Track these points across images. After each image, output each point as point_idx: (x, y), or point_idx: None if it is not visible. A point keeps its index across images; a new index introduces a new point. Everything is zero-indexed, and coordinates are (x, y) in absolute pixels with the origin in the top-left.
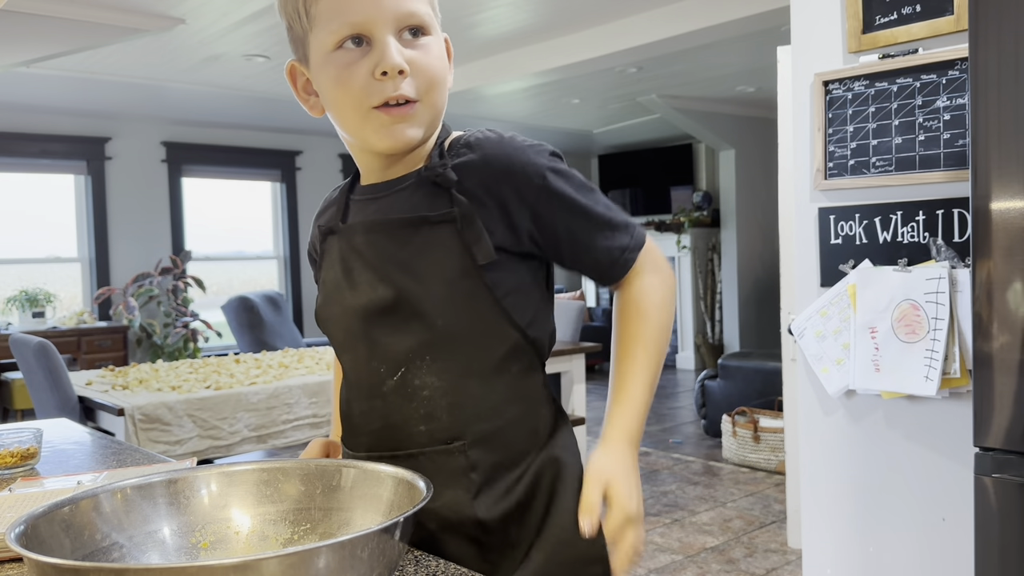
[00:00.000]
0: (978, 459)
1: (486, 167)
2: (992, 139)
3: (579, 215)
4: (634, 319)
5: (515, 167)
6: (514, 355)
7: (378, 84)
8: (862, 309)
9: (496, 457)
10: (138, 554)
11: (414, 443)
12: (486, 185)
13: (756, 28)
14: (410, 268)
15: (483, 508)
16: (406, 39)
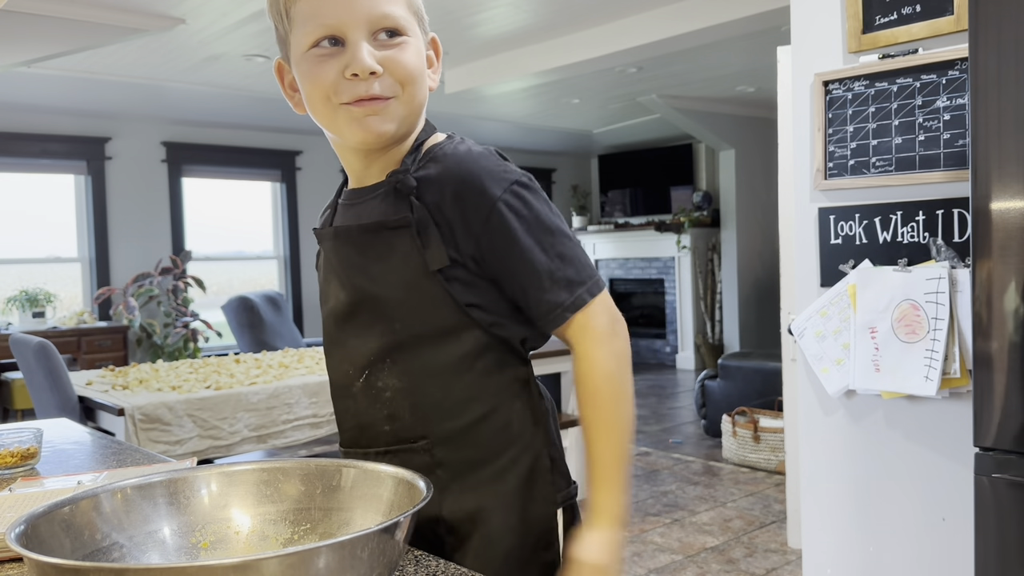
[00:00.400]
0: (978, 459)
1: (441, 185)
2: (992, 139)
3: (519, 258)
4: (587, 402)
5: (466, 192)
6: (478, 354)
7: (349, 83)
8: (862, 309)
9: (465, 454)
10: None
11: (382, 442)
12: (437, 203)
13: (756, 28)
14: (368, 273)
15: (450, 505)
16: (381, 40)
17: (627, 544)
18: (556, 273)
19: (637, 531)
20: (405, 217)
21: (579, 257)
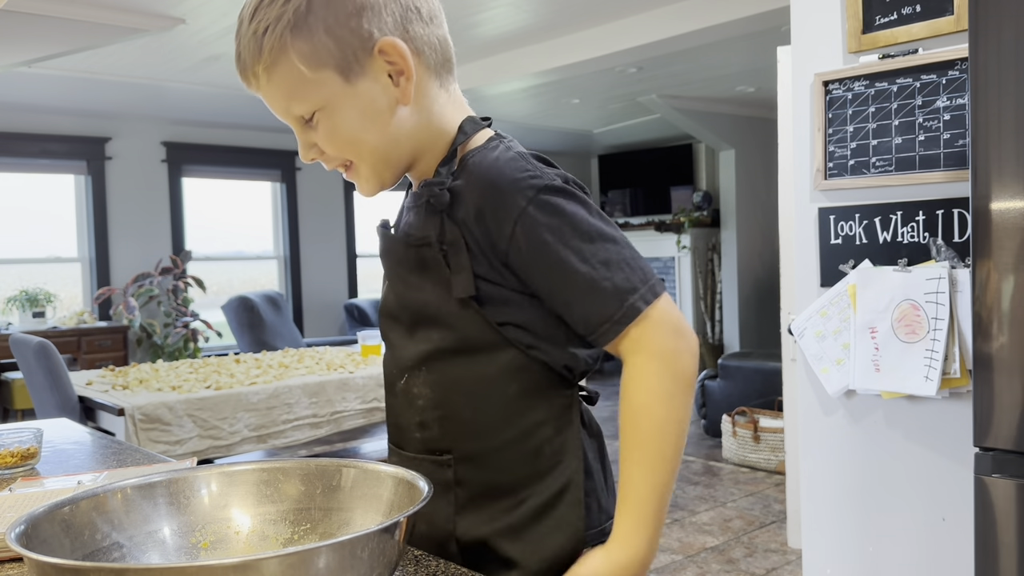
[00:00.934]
0: (978, 459)
1: (470, 196)
2: (992, 139)
3: (555, 271)
4: (629, 423)
5: (487, 207)
6: (513, 375)
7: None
8: (862, 309)
9: (486, 477)
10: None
11: (412, 448)
12: (464, 219)
13: (756, 28)
14: (407, 283)
15: (464, 526)
16: (308, 125)
17: None
18: (601, 282)
19: None
20: (429, 236)
21: (629, 261)
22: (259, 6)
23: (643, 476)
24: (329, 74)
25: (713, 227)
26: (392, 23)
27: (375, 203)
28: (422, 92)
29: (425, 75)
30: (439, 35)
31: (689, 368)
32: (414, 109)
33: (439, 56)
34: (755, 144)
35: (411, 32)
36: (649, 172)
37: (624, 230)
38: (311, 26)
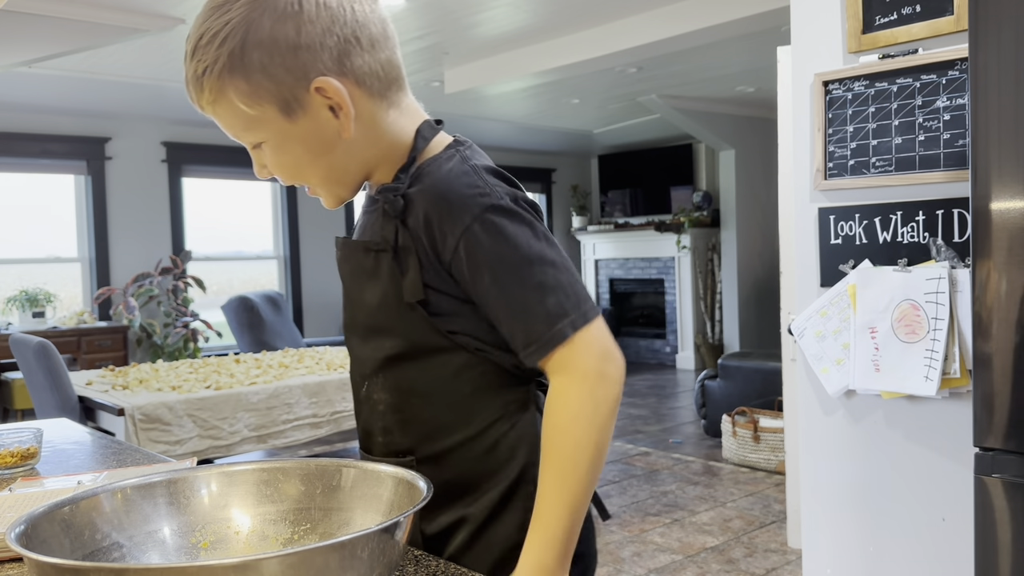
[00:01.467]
0: (978, 459)
1: (421, 204)
2: (992, 139)
3: (491, 289)
4: (547, 436)
5: (435, 219)
6: (466, 376)
7: None
8: (862, 309)
9: (448, 475)
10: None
11: (377, 451)
12: (420, 223)
13: (756, 28)
14: (362, 290)
15: (429, 521)
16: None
17: (627, 544)
18: (534, 306)
19: (637, 531)
20: (385, 241)
21: (564, 286)
22: (198, 45)
23: (557, 495)
24: (270, 110)
25: (713, 227)
26: (329, 59)
27: None
28: (368, 118)
29: (369, 102)
30: (383, 59)
31: (611, 393)
32: (361, 135)
33: (383, 81)
34: (755, 144)
35: (350, 65)
36: (649, 172)
37: (624, 230)
38: (247, 66)
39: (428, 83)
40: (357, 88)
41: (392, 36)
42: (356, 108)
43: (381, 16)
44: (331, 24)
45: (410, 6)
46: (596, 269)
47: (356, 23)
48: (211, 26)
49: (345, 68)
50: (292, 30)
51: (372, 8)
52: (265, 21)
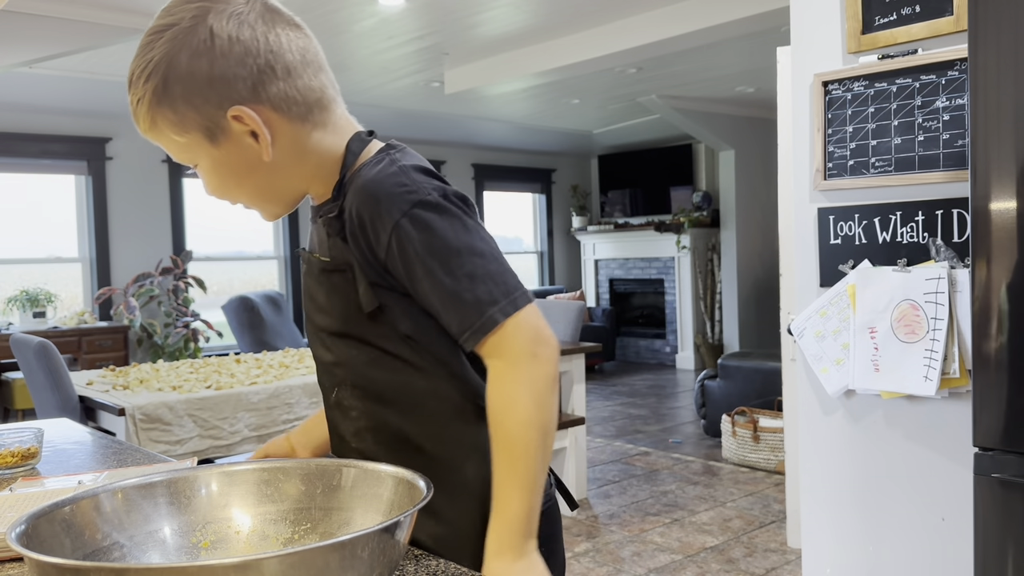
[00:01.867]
0: (977, 459)
1: (354, 209)
2: (991, 139)
3: (424, 280)
4: (491, 421)
5: (366, 220)
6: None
7: None
8: (861, 309)
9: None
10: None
11: (350, 456)
12: (356, 226)
13: (756, 28)
14: (328, 300)
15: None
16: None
17: (627, 544)
18: (464, 295)
19: (637, 531)
20: (333, 261)
21: (493, 275)
22: (131, 81)
23: (508, 477)
24: (196, 137)
25: (713, 227)
26: (244, 89)
27: None
28: (290, 141)
29: (289, 126)
30: (300, 85)
31: (544, 372)
32: (284, 157)
33: (303, 105)
34: (755, 144)
35: (267, 94)
36: (649, 172)
37: (624, 230)
38: (172, 98)
39: (428, 83)
40: (274, 113)
41: (313, 61)
42: (275, 132)
43: (300, 45)
44: (244, 56)
45: (410, 6)
46: (596, 269)
47: (270, 53)
48: (139, 63)
49: (261, 96)
50: (206, 64)
51: (289, 38)
52: (182, 57)
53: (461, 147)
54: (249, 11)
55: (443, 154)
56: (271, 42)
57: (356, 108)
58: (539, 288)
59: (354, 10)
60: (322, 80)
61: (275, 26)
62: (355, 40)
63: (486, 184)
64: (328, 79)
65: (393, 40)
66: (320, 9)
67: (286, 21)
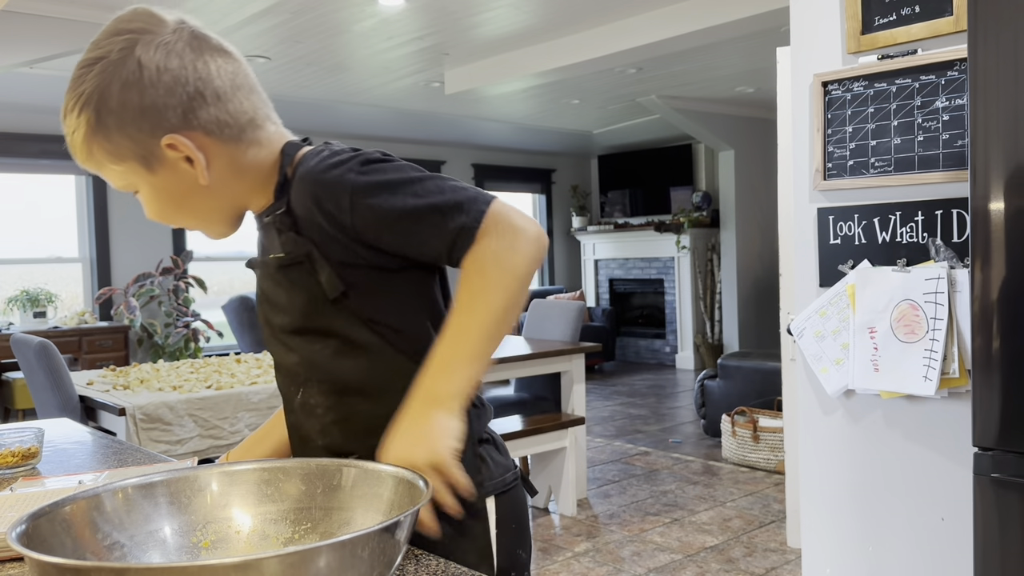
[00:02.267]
0: (977, 459)
1: (303, 199)
2: (991, 139)
3: (403, 218)
4: (468, 277)
5: (322, 198)
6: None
7: None
8: (861, 309)
9: None
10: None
11: (316, 455)
12: (311, 213)
13: (755, 29)
14: (288, 299)
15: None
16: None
17: (626, 544)
18: (441, 205)
19: (637, 530)
20: (289, 255)
21: (455, 186)
22: (65, 112)
23: (458, 330)
24: (134, 166)
25: (712, 227)
26: (175, 117)
27: None
28: (225, 162)
29: (223, 148)
30: (231, 109)
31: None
32: (221, 178)
33: (235, 127)
34: (754, 145)
35: (198, 120)
36: (649, 172)
37: (624, 230)
38: (106, 129)
39: (428, 84)
40: (207, 138)
41: (243, 84)
42: (210, 156)
43: (229, 70)
44: (173, 85)
45: (410, 6)
46: (596, 269)
47: (199, 80)
48: (71, 97)
49: (192, 122)
50: (136, 95)
51: (218, 64)
52: (113, 89)
53: (461, 147)
54: (176, 40)
55: (443, 154)
56: (199, 69)
57: (356, 108)
58: (539, 288)
59: (354, 10)
60: (253, 101)
61: (203, 53)
62: (355, 40)
63: (486, 184)
64: (260, 99)
65: (393, 40)
66: (320, 9)
67: (214, 48)
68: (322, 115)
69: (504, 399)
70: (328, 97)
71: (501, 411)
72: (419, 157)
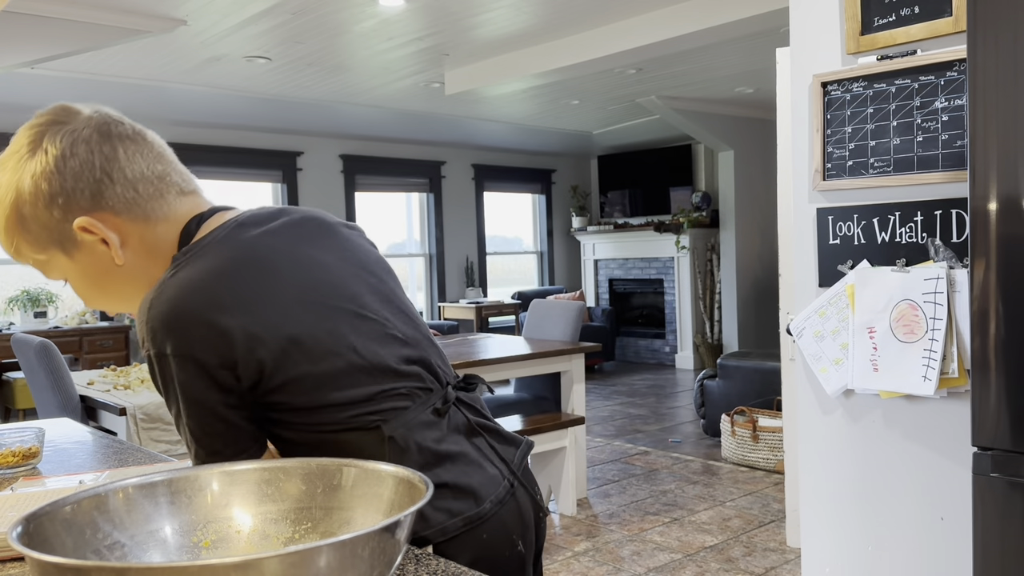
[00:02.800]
0: (976, 459)
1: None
2: (990, 140)
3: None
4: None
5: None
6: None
7: None
8: (860, 309)
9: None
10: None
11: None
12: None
13: (755, 29)
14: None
15: None
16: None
17: (626, 543)
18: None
19: (637, 530)
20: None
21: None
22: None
23: None
24: (55, 253)
25: (712, 227)
26: (85, 200)
27: (375, 206)
28: (137, 240)
29: (133, 226)
30: (141, 188)
31: None
32: (136, 256)
33: (144, 207)
34: (754, 145)
35: (106, 202)
36: (648, 173)
37: (623, 230)
38: (24, 221)
39: (428, 84)
40: (118, 218)
41: (153, 160)
42: (123, 236)
43: (134, 149)
44: (80, 170)
45: (410, 7)
46: (595, 269)
47: (106, 162)
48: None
49: (102, 204)
50: (46, 183)
51: (125, 145)
52: (25, 180)
53: (461, 147)
54: (83, 127)
55: (443, 154)
56: (106, 152)
57: (356, 108)
58: (539, 288)
59: (354, 11)
60: (164, 178)
61: (111, 138)
62: (355, 41)
63: (486, 184)
64: (171, 169)
65: (393, 41)
66: (320, 9)
67: (125, 133)
68: (322, 115)
69: (504, 399)
70: (328, 97)
71: (501, 411)
72: (419, 157)
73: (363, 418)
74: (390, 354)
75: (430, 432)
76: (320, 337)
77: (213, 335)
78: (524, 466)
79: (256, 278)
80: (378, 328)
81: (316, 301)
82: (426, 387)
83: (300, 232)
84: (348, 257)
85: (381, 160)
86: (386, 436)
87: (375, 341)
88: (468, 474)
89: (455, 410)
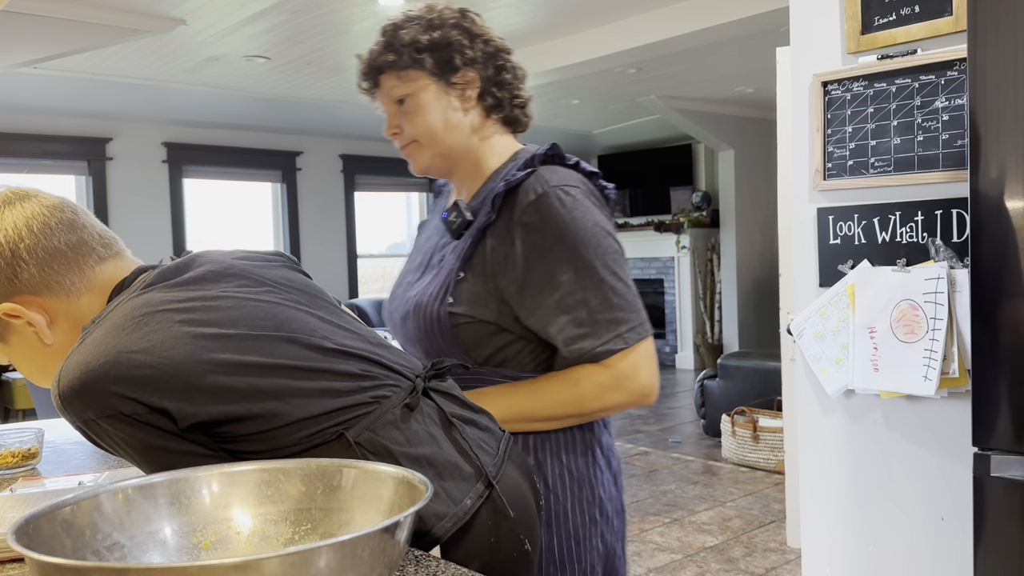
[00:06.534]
0: (977, 459)
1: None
2: (991, 139)
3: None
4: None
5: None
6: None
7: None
8: (861, 309)
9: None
10: (139, 554)
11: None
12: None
13: (755, 29)
14: None
15: None
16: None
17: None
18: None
19: (637, 530)
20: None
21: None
22: None
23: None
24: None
25: (712, 227)
26: (2, 286)
27: (374, 206)
28: (63, 316)
29: (56, 303)
30: (56, 264)
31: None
32: (65, 333)
33: (63, 283)
34: (754, 145)
35: (24, 284)
36: (648, 172)
37: (624, 230)
38: None
39: None
40: (37, 297)
41: (66, 230)
42: (49, 313)
43: (42, 222)
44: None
45: (410, 7)
46: None
47: (16, 242)
48: None
49: (19, 288)
50: None
51: (40, 226)
52: None
53: None
54: None
55: None
56: (10, 233)
57: (356, 108)
58: None
59: (354, 10)
60: (75, 244)
61: (12, 215)
62: (355, 40)
63: None
64: (86, 236)
65: None
66: (320, 9)
67: (29, 212)
68: (321, 115)
69: None
70: (328, 97)
71: None
72: None
73: (324, 432)
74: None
75: (399, 433)
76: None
77: (131, 388)
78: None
79: (166, 324)
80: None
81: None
82: (385, 384)
83: (205, 277)
84: (263, 288)
85: (381, 160)
86: (352, 441)
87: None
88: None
89: (427, 402)
